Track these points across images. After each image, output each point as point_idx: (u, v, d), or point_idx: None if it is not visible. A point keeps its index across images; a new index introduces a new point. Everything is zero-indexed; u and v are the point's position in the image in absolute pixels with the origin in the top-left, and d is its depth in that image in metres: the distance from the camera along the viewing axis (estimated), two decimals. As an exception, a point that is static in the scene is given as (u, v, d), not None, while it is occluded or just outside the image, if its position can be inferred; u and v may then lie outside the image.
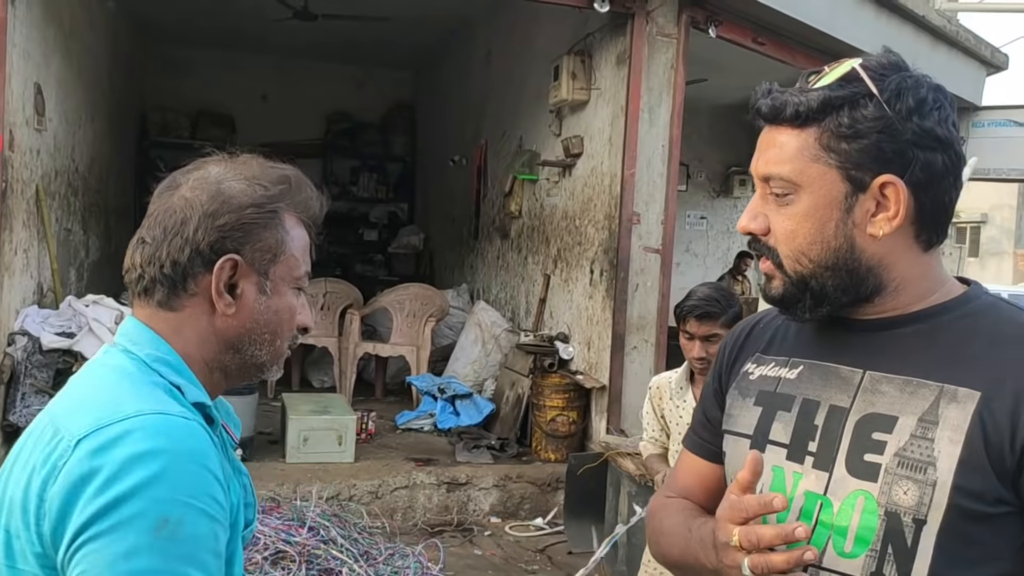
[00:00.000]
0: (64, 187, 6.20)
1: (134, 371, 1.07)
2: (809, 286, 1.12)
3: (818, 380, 1.16)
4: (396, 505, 5.13)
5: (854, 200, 1.08)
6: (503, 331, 7.01)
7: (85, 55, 6.72)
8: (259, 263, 1.12)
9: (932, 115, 1.07)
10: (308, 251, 1.20)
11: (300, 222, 1.18)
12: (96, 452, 0.94)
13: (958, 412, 1.03)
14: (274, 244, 1.13)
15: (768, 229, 1.14)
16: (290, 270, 1.16)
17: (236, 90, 10.77)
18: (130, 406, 0.98)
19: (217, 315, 1.11)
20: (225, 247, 1.10)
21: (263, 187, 1.14)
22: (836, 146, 1.07)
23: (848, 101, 1.07)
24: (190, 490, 0.94)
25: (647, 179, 5.47)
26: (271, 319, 1.15)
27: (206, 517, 0.95)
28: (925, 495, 1.03)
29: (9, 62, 4.51)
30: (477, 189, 8.53)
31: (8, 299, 4.77)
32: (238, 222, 1.10)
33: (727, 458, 1.26)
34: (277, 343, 1.17)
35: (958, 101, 7.72)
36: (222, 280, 1.10)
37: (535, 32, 7.00)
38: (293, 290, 1.17)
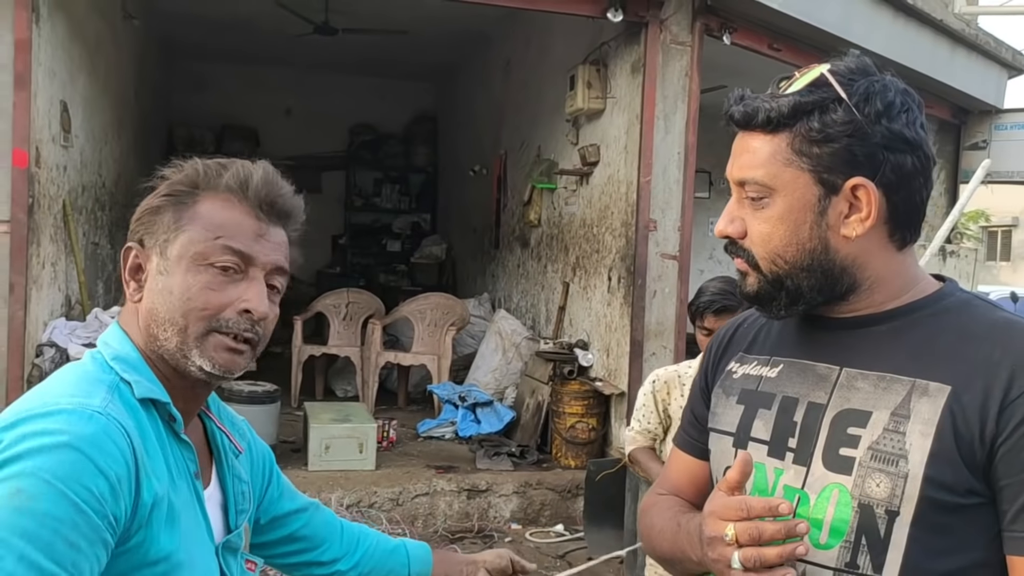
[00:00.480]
0: (91, 202, 6.33)
1: (89, 370, 1.10)
2: (785, 285, 1.15)
3: (797, 378, 1.19)
4: (417, 512, 5.17)
5: (827, 203, 1.11)
6: (523, 339, 7.04)
7: (111, 72, 6.86)
8: (156, 245, 1.12)
9: (900, 118, 1.10)
10: (239, 229, 1.12)
11: (236, 203, 1.13)
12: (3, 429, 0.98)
13: (929, 406, 1.06)
14: (170, 222, 1.11)
15: (745, 232, 1.17)
16: (189, 245, 1.10)
17: (260, 104, 10.92)
18: (55, 399, 1.01)
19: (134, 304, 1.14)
20: (135, 237, 1.14)
21: (180, 173, 1.16)
22: (808, 150, 1.10)
23: (818, 106, 1.09)
24: (59, 473, 0.93)
25: (663, 186, 5.49)
26: (167, 299, 1.09)
27: (68, 503, 0.93)
28: (897, 487, 1.05)
29: (34, 81, 4.63)
30: (497, 199, 8.59)
31: (36, 311, 4.88)
32: (143, 212, 1.14)
33: (712, 455, 1.30)
34: (181, 323, 1.09)
35: (979, 104, 7.71)
36: (126, 268, 1.13)
37: (551, 42, 7.06)
38: (200, 267, 1.10)
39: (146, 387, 1.09)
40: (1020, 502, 1.01)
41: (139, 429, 1.05)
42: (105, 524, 0.96)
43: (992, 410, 1.02)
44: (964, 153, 8.15)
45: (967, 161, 8.08)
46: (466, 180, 9.69)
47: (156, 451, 1.07)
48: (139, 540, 1.02)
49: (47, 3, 4.87)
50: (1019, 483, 1.01)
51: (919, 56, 6.46)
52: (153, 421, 1.10)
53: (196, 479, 1.15)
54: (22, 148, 4.52)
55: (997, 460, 1.02)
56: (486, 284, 9.14)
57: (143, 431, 1.06)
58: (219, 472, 1.24)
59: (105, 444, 0.98)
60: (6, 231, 4.53)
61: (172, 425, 1.12)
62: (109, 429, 0.99)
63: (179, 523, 1.07)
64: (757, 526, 1.04)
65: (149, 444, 1.06)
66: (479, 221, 9.37)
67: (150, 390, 1.09)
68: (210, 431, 1.25)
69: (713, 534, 1.08)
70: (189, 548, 1.08)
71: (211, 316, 1.10)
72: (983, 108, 7.82)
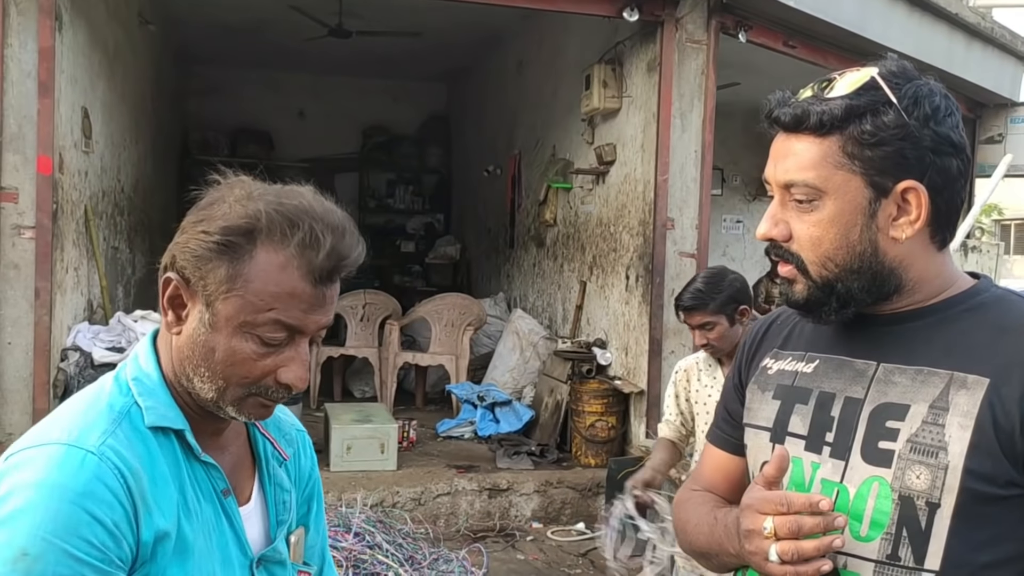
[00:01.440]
0: (111, 207, 6.38)
1: (99, 395, 1.09)
2: (835, 290, 1.16)
3: (834, 373, 1.21)
4: (439, 511, 5.20)
5: (877, 205, 1.12)
6: (541, 338, 7.06)
7: (128, 78, 6.91)
8: (203, 292, 1.05)
9: (947, 121, 1.11)
10: (293, 300, 1.04)
11: (294, 268, 1.04)
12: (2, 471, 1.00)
13: (968, 398, 1.07)
14: (223, 278, 1.03)
15: (790, 235, 1.17)
16: (238, 312, 1.03)
17: (273, 107, 10.97)
18: (54, 434, 1.02)
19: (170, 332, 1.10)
20: (175, 264, 1.06)
21: (232, 217, 1.04)
22: (860, 153, 1.11)
23: (870, 109, 1.10)
24: (55, 529, 0.94)
25: (680, 184, 5.50)
26: (208, 355, 1.06)
27: (69, 557, 0.94)
28: (937, 479, 1.06)
29: (58, 88, 4.67)
30: (512, 198, 8.61)
31: (61, 316, 4.92)
32: (186, 244, 1.05)
33: (749, 450, 1.31)
34: (220, 383, 1.07)
35: (995, 98, 7.68)
36: (165, 296, 1.08)
37: (565, 42, 7.07)
38: (247, 336, 1.05)
39: (159, 415, 1.07)
40: None
41: (148, 458, 1.04)
42: (112, 568, 0.98)
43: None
44: (980, 147, 8.11)
45: (983, 155, 8.04)
46: (480, 180, 9.71)
47: (166, 480, 1.05)
48: (146, 573, 1.02)
49: (69, 11, 4.92)
50: None
51: (935, 51, 6.44)
52: (168, 445, 1.08)
53: (225, 496, 1.13)
54: (47, 154, 4.57)
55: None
56: (501, 284, 9.16)
57: (152, 460, 1.05)
58: (260, 481, 1.22)
59: (97, 491, 0.97)
60: (31, 237, 4.58)
61: (190, 449, 1.10)
62: (101, 473, 0.98)
63: (191, 552, 1.06)
64: (796, 520, 1.05)
65: (158, 474, 1.04)
66: (493, 221, 9.39)
67: (162, 417, 1.08)
68: (253, 437, 1.23)
69: (751, 527, 1.09)
70: (204, 572, 1.07)
71: (251, 384, 1.07)
72: (999, 101, 7.79)
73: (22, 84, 4.54)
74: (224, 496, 1.13)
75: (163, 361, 1.11)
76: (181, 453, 1.09)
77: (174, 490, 1.06)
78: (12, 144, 4.54)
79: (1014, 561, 1.07)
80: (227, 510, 1.13)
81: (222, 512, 1.12)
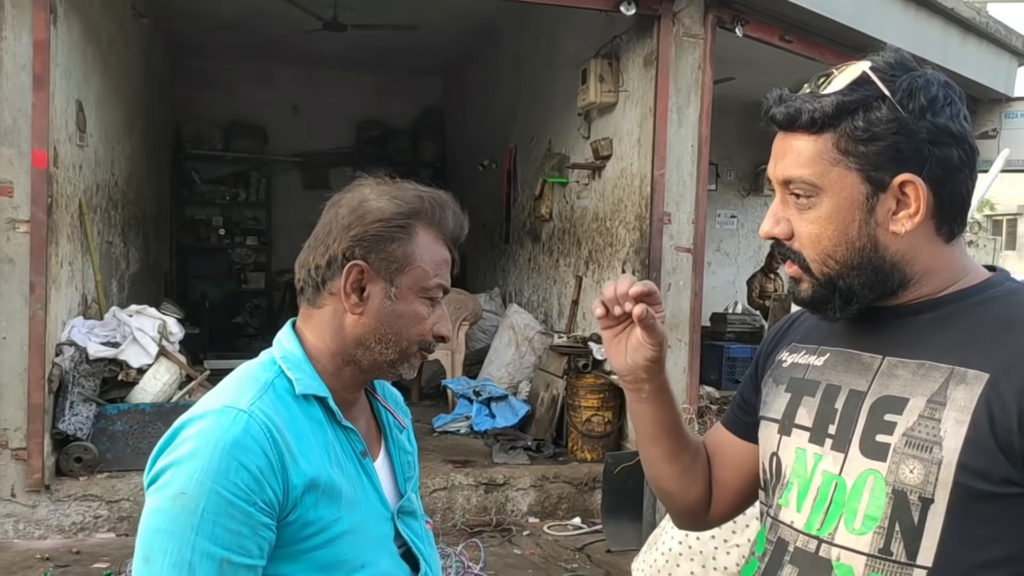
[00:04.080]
0: (105, 201, 6.36)
1: (257, 368, 1.28)
2: (837, 286, 1.16)
3: (842, 366, 1.20)
4: (435, 506, 5.19)
5: (875, 200, 1.11)
6: (536, 333, 7.06)
7: (122, 71, 6.88)
8: (385, 271, 1.26)
9: (944, 112, 1.10)
10: (444, 266, 1.31)
11: (438, 238, 1.31)
12: (176, 431, 1.19)
13: (965, 393, 1.05)
14: (401, 255, 1.27)
15: (791, 233, 1.17)
16: (417, 280, 1.28)
17: (267, 101, 10.93)
18: (218, 400, 1.20)
19: (348, 313, 1.28)
20: (354, 254, 1.26)
21: (396, 204, 1.28)
22: (854, 149, 1.10)
23: (862, 105, 1.09)
24: (209, 473, 1.12)
25: (677, 179, 5.50)
26: (395, 322, 1.27)
27: (218, 496, 1.11)
28: (931, 474, 1.05)
29: (52, 81, 4.65)
30: (507, 193, 8.60)
31: (55, 310, 4.90)
32: (366, 233, 1.26)
33: (760, 442, 1.31)
34: (404, 345, 1.29)
35: (990, 93, 7.69)
36: (349, 282, 1.26)
37: (562, 36, 7.06)
38: (422, 299, 1.29)
39: (306, 384, 1.26)
40: None
41: (290, 419, 1.22)
42: (256, 509, 1.14)
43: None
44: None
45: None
46: (475, 175, 9.70)
47: (309, 437, 1.23)
48: (296, 516, 1.18)
49: (63, 4, 4.89)
50: None
51: (930, 45, 6.44)
52: (312, 411, 1.26)
53: (364, 457, 1.31)
54: (41, 148, 4.54)
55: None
56: (496, 279, 9.16)
57: (295, 420, 1.22)
58: (387, 446, 1.42)
59: (246, 442, 1.15)
60: (26, 231, 4.56)
61: (333, 415, 1.28)
62: (250, 427, 1.16)
63: (341, 497, 1.23)
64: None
65: (301, 431, 1.22)
66: (488, 216, 9.38)
67: (309, 386, 1.26)
68: (376, 410, 1.43)
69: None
70: (354, 517, 1.24)
71: (422, 339, 1.31)
72: (993, 97, 7.79)
73: (17, 77, 4.51)
74: (363, 457, 1.31)
75: (309, 342, 1.30)
76: (325, 419, 1.27)
77: (319, 447, 1.23)
78: (7, 138, 4.52)
79: (1010, 561, 1.04)
80: (367, 469, 1.31)
81: (362, 471, 1.30)
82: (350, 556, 1.22)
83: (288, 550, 1.18)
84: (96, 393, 5.03)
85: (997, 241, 26.42)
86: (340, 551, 1.21)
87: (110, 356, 5.12)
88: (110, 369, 5.15)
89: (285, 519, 1.17)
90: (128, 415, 5.10)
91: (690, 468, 1.37)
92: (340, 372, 1.30)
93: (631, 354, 1.27)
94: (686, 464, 1.37)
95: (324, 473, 1.21)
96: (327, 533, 1.20)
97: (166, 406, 5.18)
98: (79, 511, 4.80)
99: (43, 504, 4.75)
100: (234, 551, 1.12)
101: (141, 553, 1.13)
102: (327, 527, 1.20)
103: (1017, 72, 7.89)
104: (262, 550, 1.15)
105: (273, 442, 1.16)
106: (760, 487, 1.31)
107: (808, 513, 1.16)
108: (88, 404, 4.95)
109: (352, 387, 1.33)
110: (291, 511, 1.17)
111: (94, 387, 5.02)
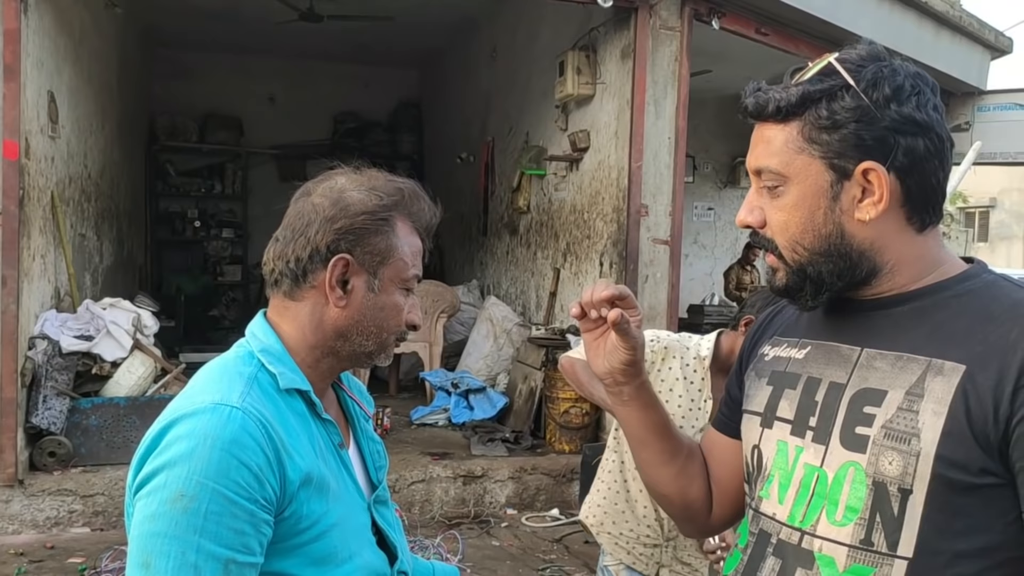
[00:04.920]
0: (78, 193, 6.28)
1: (235, 362, 1.26)
2: (807, 273, 1.17)
3: (822, 359, 1.21)
4: (413, 499, 5.19)
5: (840, 188, 1.13)
6: (514, 325, 7.06)
7: (94, 62, 6.79)
8: (369, 263, 1.27)
9: (910, 101, 1.11)
10: (419, 256, 1.33)
11: (413, 230, 1.32)
12: (163, 429, 1.15)
13: (942, 385, 1.06)
14: (384, 248, 1.28)
15: (764, 222, 1.19)
16: (398, 272, 1.29)
17: (243, 93, 10.85)
18: (205, 396, 1.17)
19: (330, 306, 1.27)
20: (339, 247, 1.25)
21: (378, 197, 1.28)
22: (818, 137, 1.12)
23: (826, 94, 1.12)
24: (209, 473, 1.09)
25: (654, 171, 5.52)
26: (377, 314, 1.29)
27: (221, 497, 1.09)
28: (909, 465, 1.06)
29: (23, 71, 4.58)
30: (485, 186, 8.59)
31: (28, 304, 4.84)
32: (351, 227, 1.25)
33: (743, 435, 1.32)
34: (383, 336, 1.30)
35: (963, 86, 7.76)
36: (335, 275, 1.25)
37: (539, 28, 7.05)
38: (401, 290, 1.30)
39: (290, 378, 1.25)
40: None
41: (278, 414, 1.20)
42: (257, 507, 1.12)
43: (1007, 390, 1.02)
44: (947, 135, 8.22)
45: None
46: (453, 167, 9.68)
47: (297, 431, 1.22)
48: (291, 511, 1.17)
49: (34, -8, 4.82)
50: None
51: (904, 39, 6.49)
52: (294, 405, 1.25)
53: (341, 449, 1.32)
54: (12, 139, 4.48)
55: (1013, 441, 1.01)
56: (474, 271, 9.15)
57: (282, 415, 1.21)
58: (355, 436, 1.42)
59: (243, 439, 1.13)
60: (-3, 223, 4.50)
61: (314, 407, 1.28)
62: (246, 424, 1.14)
63: (329, 490, 1.23)
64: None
65: (290, 426, 1.21)
66: (466, 208, 9.37)
67: (293, 380, 1.25)
68: (343, 401, 1.43)
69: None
70: (340, 510, 1.24)
71: (398, 329, 1.32)
72: (966, 90, 7.87)
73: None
74: (340, 448, 1.31)
75: (287, 334, 1.29)
76: (307, 412, 1.27)
77: (307, 441, 1.23)
78: (-24, 129, 4.45)
79: (990, 552, 1.05)
80: (344, 461, 1.31)
81: (341, 463, 1.30)
82: (339, 548, 1.22)
83: (283, 545, 1.17)
84: (70, 387, 4.98)
85: (969, 233, 26.71)
86: (330, 544, 1.21)
87: (83, 350, 5.07)
88: (83, 363, 5.10)
89: (281, 515, 1.16)
90: (102, 409, 5.05)
91: (685, 469, 1.38)
92: (319, 364, 1.30)
93: (608, 357, 1.29)
94: (680, 465, 1.38)
95: (315, 467, 1.21)
96: (319, 527, 1.20)
97: (141, 400, 5.14)
98: (53, 506, 4.76)
99: (16, 499, 4.70)
100: (238, 550, 1.11)
101: (139, 559, 1.10)
102: (318, 521, 1.20)
103: (989, 66, 7.97)
104: (262, 547, 1.14)
105: (268, 438, 1.15)
106: (744, 480, 1.32)
107: (790, 505, 1.17)
108: (61, 398, 4.90)
109: (327, 378, 1.33)
110: (287, 506, 1.17)
111: (67, 381, 4.97)
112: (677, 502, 1.41)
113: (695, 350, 2.56)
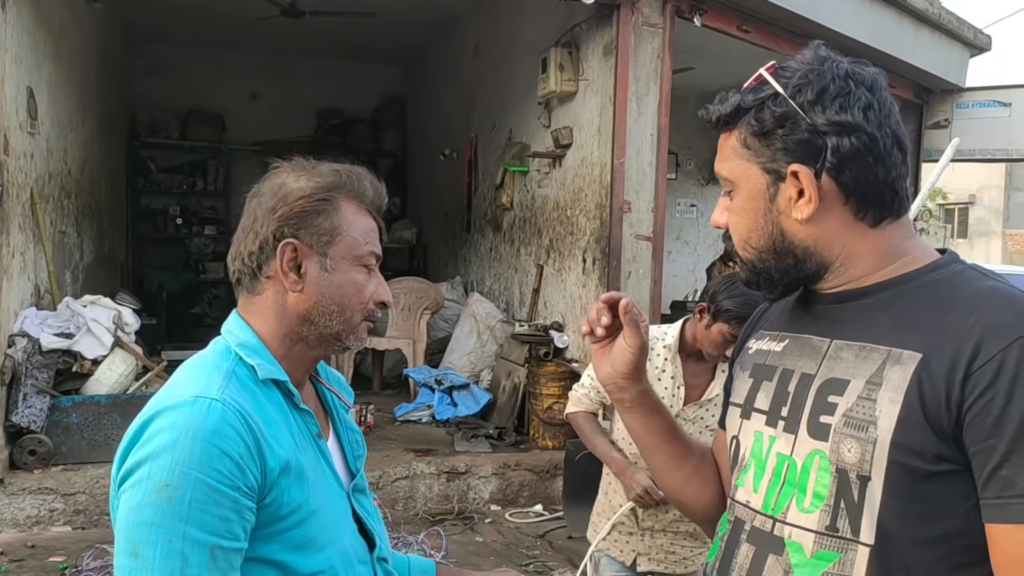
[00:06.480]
0: (57, 190, 6.24)
1: (213, 358, 1.30)
2: (758, 269, 1.25)
3: (796, 351, 1.26)
4: (397, 495, 5.19)
5: (775, 190, 1.19)
6: (498, 322, 7.07)
7: (74, 58, 6.74)
8: (317, 244, 1.30)
9: (834, 103, 1.15)
10: (373, 233, 1.36)
11: (361, 208, 1.35)
12: (145, 423, 1.19)
13: (899, 373, 1.09)
14: (329, 227, 1.31)
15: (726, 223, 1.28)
16: (349, 249, 1.32)
17: (225, 89, 10.78)
18: (185, 390, 1.21)
19: (288, 293, 1.31)
20: (283, 234, 1.29)
21: (315, 181, 1.32)
22: (752, 144, 1.20)
23: (756, 104, 1.18)
24: (191, 463, 1.13)
25: (637, 168, 5.53)
26: (335, 292, 1.31)
27: (204, 486, 1.13)
28: (867, 452, 1.09)
29: (2, 67, 4.55)
30: (468, 182, 8.58)
31: (7, 301, 4.81)
32: (292, 212, 1.29)
33: (727, 427, 1.38)
34: (347, 314, 1.32)
35: (942, 83, 7.82)
36: (284, 261, 1.29)
37: (522, 24, 7.05)
38: (358, 267, 1.33)
39: (267, 369, 1.29)
40: (989, 468, 1.02)
41: (257, 405, 1.24)
42: (240, 494, 1.16)
43: (958, 376, 1.04)
44: (926, 132, 8.25)
45: (929, 140, 8.18)
46: (436, 164, 9.66)
47: (276, 421, 1.26)
48: (272, 498, 1.21)
49: (12, -13, 4.78)
50: (987, 449, 1.02)
51: (884, 36, 6.54)
52: (273, 396, 1.29)
53: (319, 439, 1.35)
54: (-9, 136, 4.44)
55: (966, 427, 1.04)
56: (458, 268, 9.15)
57: (261, 406, 1.25)
58: (334, 427, 1.46)
59: (223, 429, 1.16)
60: (-24, 220, 4.46)
61: (291, 398, 1.31)
62: (226, 415, 1.18)
63: (307, 479, 1.26)
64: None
65: (268, 416, 1.25)
66: (450, 205, 9.36)
67: (271, 371, 1.29)
68: (321, 392, 1.47)
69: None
70: (319, 498, 1.27)
71: (364, 308, 1.34)
72: (945, 87, 7.92)
73: (-36, 63, 4.41)
74: (318, 438, 1.34)
75: (257, 328, 1.32)
76: (285, 402, 1.30)
77: (285, 430, 1.26)
78: (-46, 125, 4.41)
79: (950, 539, 1.07)
80: (323, 451, 1.34)
81: (319, 452, 1.33)
82: (319, 534, 1.26)
83: (265, 531, 1.21)
84: (50, 385, 4.94)
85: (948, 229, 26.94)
86: (310, 530, 1.24)
87: (64, 347, 5.04)
88: (64, 360, 5.07)
89: (263, 501, 1.20)
90: (83, 407, 5.02)
91: (697, 472, 1.44)
92: (290, 352, 1.33)
93: (612, 361, 1.36)
94: (692, 468, 1.44)
95: (293, 456, 1.25)
96: (299, 514, 1.24)
97: (122, 398, 5.11)
98: (34, 504, 4.72)
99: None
100: (223, 536, 1.14)
101: (126, 548, 1.13)
102: (299, 507, 1.24)
103: (968, 63, 8.03)
104: (246, 532, 1.18)
105: (248, 428, 1.18)
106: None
107: (764, 493, 1.22)
108: (42, 396, 4.87)
109: (302, 368, 1.36)
110: (268, 493, 1.20)
111: (48, 379, 4.93)
112: (692, 506, 1.47)
113: (663, 339, 2.72)
